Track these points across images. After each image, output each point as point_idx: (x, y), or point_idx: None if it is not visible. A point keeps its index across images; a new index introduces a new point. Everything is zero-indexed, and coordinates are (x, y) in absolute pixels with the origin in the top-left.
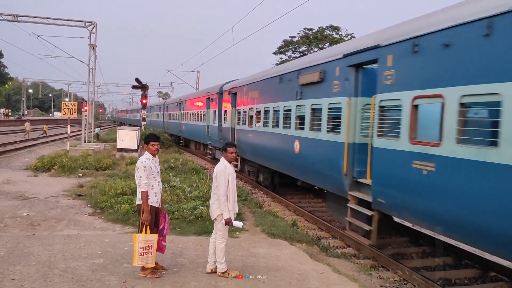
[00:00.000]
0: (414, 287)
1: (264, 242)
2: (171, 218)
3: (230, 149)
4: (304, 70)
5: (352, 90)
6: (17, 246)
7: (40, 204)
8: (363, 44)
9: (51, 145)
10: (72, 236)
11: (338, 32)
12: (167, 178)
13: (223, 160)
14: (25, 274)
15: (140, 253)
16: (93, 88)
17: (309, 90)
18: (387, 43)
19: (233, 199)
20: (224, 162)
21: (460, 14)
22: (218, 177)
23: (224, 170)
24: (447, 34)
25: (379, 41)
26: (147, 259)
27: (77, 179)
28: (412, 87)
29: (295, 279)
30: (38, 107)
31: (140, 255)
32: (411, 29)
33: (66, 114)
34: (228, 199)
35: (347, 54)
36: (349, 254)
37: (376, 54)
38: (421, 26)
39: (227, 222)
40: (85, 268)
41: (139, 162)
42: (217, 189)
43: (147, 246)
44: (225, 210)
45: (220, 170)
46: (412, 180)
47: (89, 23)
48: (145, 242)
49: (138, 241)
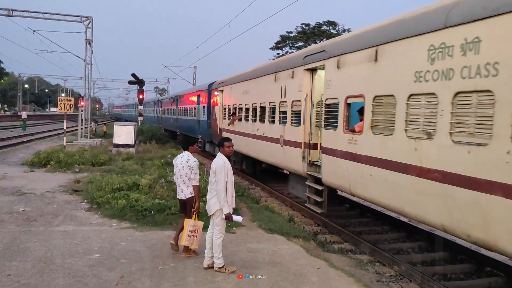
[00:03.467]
0: (410, 282)
1: (261, 237)
2: (167, 213)
3: (227, 143)
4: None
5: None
6: (14, 241)
7: (36, 200)
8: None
9: (48, 141)
10: (68, 231)
11: (335, 28)
12: (163, 173)
13: (221, 155)
14: (22, 269)
15: (188, 235)
16: (90, 84)
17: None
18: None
19: (231, 194)
20: (223, 157)
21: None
22: (217, 172)
23: (223, 165)
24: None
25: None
26: (193, 241)
27: (74, 175)
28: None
29: (292, 274)
30: (34, 103)
31: (188, 237)
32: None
33: (62, 109)
34: (227, 194)
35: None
36: (345, 249)
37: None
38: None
39: (227, 217)
40: (82, 264)
41: (192, 161)
42: (216, 184)
43: (194, 230)
44: (225, 205)
45: (219, 165)
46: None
47: (85, 18)
48: (193, 226)
49: (188, 225)
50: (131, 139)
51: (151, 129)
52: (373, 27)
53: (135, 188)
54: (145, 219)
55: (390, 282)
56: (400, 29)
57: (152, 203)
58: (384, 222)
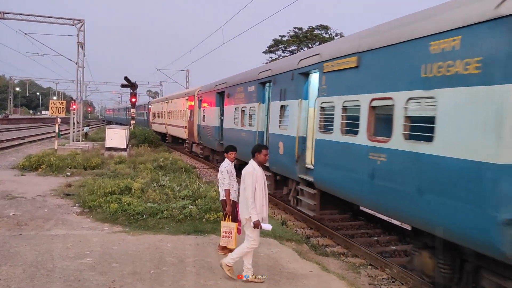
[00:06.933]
0: (402, 285)
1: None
2: (160, 217)
3: (265, 151)
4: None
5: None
6: (3, 246)
7: (27, 204)
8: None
9: (39, 144)
10: (59, 235)
11: (328, 32)
12: (156, 177)
13: (253, 162)
14: (12, 274)
15: (223, 236)
16: (82, 87)
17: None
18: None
19: (260, 202)
20: (253, 164)
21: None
22: (246, 178)
23: (252, 172)
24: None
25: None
26: (228, 241)
27: (65, 178)
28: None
29: (285, 278)
30: (26, 106)
31: (223, 237)
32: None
33: (54, 112)
34: (255, 202)
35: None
36: (338, 252)
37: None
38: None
39: (255, 224)
40: (73, 268)
41: (222, 167)
42: (244, 190)
43: (228, 231)
44: (253, 212)
45: (248, 172)
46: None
47: (77, 21)
48: (226, 227)
49: (222, 226)
50: (124, 142)
51: (143, 132)
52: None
53: (128, 191)
54: (137, 223)
55: (382, 285)
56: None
57: (145, 207)
58: (376, 225)
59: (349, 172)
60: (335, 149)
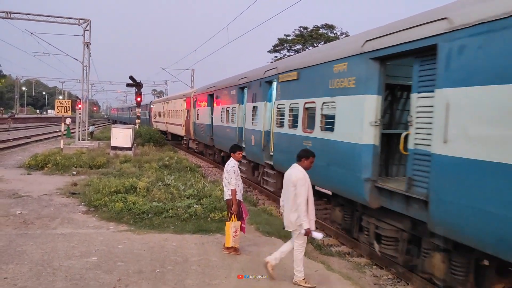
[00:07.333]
0: (408, 284)
1: (258, 240)
2: (165, 216)
3: (312, 158)
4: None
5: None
6: (10, 244)
7: (33, 203)
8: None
9: (45, 143)
10: (65, 234)
11: (333, 31)
12: (161, 176)
13: (299, 167)
14: (18, 272)
15: (233, 236)
16: (87, 86)
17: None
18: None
19: (312, 209)
20: (301, 169)
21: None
22: (298, 186)
23: (304, 179)
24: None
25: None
26: (236, 240)
27: (71, 177)
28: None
29: (290, 277)
30: (32, 105)
31: (233, 238)
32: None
33: (60, 112)
34: (308, 209)
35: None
36: (343, 252)
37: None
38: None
39: (306, 232)
40: (79, 267)
41: (229, 166)
42: (296, 197)
43: (236, 230)
44: (305, 219)
45: (300, 178)
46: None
47: (83, 21)
48: (235, 227)
49: (231, 227)
50: (129, 141)
51: (149, 131)
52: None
53: (133, 191)
54: (142, 222)
55: (387, 285)
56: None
57: (150, 206)
58: None
59: (292, 155)
60: (285, 139)
